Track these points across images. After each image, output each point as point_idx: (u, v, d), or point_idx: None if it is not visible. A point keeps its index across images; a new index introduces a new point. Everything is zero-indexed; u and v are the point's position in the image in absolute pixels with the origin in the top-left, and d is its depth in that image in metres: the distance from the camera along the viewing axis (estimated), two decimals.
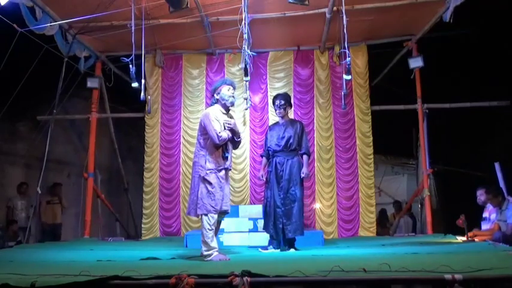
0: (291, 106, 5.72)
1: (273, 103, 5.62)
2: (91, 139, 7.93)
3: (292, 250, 5.22)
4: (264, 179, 5.60)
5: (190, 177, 7.51)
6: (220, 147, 4.37)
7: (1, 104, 6.57)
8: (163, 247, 5.90)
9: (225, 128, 4.37)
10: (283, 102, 5.49)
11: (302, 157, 5.45)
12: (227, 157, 4.42)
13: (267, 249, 5.32)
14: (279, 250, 5.23)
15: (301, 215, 5.26)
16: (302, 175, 5.31)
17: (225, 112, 4.52)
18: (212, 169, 4.29)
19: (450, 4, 5.99)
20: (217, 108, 4.48)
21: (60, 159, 8.95)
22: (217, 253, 4.21)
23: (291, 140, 5.38)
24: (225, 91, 4.49)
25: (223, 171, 4.37)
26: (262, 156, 5.77)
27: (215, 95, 4.53)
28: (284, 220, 5.18)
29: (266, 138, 5.65)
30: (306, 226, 7.37)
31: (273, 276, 2.62)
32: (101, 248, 5.61)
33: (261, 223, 5.83)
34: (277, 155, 5.40)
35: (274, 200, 5.26)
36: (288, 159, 5.34)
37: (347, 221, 7.61)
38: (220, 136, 4.26)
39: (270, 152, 5.50)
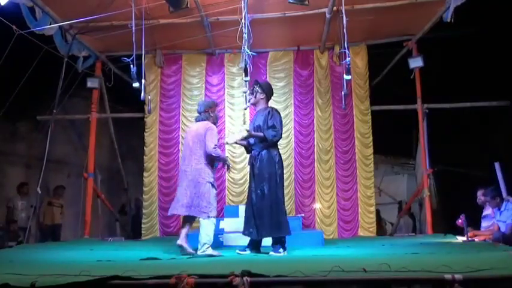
0: (264, 93, 4.98)
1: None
2: (91, 139, 7.93)
3: (281, 252, 4.60)
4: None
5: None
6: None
7: (1, 104, 6.57)
8: (163, 247, 5.90)
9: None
10: (255, 87, 4.99)
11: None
12: (216, 167, 5.03)
13: (245, 250, 4.86)
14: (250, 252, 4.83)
15: (273, 213, 4.64)
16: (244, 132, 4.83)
17: None
18: (214, 177, 4.84)
19: (450, 4, 6.00)
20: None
21: (60, 159, 8.95)
22: (210, 248, 4.60)
23: (260, 129, 4.87)
24: (217, 113, 5.06)
25: None
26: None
27: (210, 112, 4.89)
28: (257, 220, 4.70)
29: None
30: (306, 226, 7.40)
31: (273, 276, 2.61)
32: (101, 248, 5.60)
33: None
34: (252, 148, 4.94)
35: (251, 198, 4.81)
36: (259, 152, 4.84)
37: (347, 222, 7.61)
38: (215, 150, 4.68)
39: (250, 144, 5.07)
